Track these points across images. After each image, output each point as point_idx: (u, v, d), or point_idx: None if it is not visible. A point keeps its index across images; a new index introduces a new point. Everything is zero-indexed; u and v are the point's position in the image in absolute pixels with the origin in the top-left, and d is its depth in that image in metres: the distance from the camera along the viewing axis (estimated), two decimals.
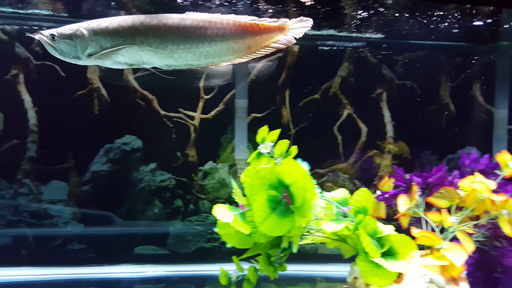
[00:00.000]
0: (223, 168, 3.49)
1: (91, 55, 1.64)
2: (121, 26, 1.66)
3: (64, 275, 3.20)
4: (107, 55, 1.65)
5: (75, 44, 1.63)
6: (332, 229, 1.51)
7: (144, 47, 1.67)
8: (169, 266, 3.40)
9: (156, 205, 3.45)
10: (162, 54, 1.69)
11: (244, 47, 1.75)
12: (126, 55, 1.68)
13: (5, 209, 3.21)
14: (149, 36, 1.65)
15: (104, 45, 1.63)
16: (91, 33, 1.63)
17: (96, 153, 3.36)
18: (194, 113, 3.43)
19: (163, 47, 1.67)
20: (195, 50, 1.71)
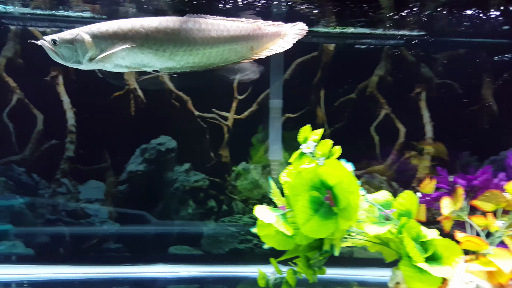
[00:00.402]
0: (256, 168, 3.50)
1: (92, 59, 1.66)
2: (120, 29, 1.67)
3: (100, 273, 3.29)
4: (108, 58, 1.66)
5: (75, 49, 1.66)
6: (376, 232, 1.49)
7: (145, 50, 1.67)
8: (203, 266, 3.43)
9: (190, 205, 3.50)
10: (163, 56, 1.70)
11: (247, 48, 1.78)
12: (127, 58, 1.68)
13: (44, 208, 3.33)
14: (149, 38, 1.66)
15: (104, 49, 1.64)
16: (91, 37, 1.65)
17: (132, 153, 3.43)
18: (228, 113, 3.46)
19: (164, 49, 1.68)
20: (197, 52, 1.72)
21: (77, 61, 1.67)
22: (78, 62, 1.68)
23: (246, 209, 3.50)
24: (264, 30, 1.79)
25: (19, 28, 3.18)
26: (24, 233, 3.30)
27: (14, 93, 3.20)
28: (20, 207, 3.30)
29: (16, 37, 3.18)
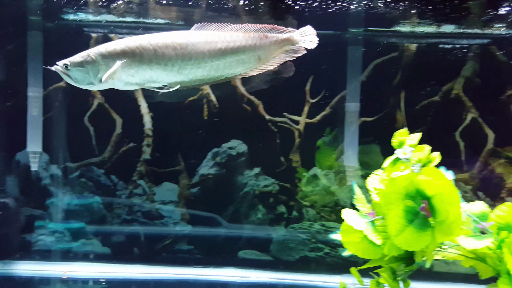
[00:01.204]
0: (328, 174, 3.45)
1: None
2: (128, 47, 1.69)
3: (172, 274, 3.39)
4: (118, 76, 1.68)
5: (87, 71, 1.69)
6: (473, 247, 1.39)
7: (153, 66, 1.69)
8: (273, 273, 3.43)
9: (260, 209, 3.51)
10: (172, 71, 1.70)
11: (255, 58, 1.75)
12: (136, 75, 1.70)
13: (120, 208, 3.50)
14: (157, 54, 1.67)
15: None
16: (101, 57, 1.68)
17: (204, 156, 3.51)
18: (299, 117, 3.43)
19: (172, 64, 1.69)
20: (204, 65, 1.72)
21: (90, 83, 1.71)
22: (91, 84, 1.72)
23: (317, 216, 3.45)
24: (271, 39, 1.76)
25: (99, 36, 3.38)
26: (101, 232, 3.49)
27: (95, 98, 3.41)
28: (98, 207, 3.49)
29: (97, 44, 3.38)
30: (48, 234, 3.47)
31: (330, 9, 2.86)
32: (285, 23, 1.80)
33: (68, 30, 3.36)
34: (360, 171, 3.30)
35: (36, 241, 3.45)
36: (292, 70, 3.29)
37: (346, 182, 3.24)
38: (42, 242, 3.46)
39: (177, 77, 1.73)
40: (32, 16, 3.10)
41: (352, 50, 3.05)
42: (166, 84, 1.74)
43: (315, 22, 3.08)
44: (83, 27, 3.35)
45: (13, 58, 3.22)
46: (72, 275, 3.31)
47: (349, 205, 3.40)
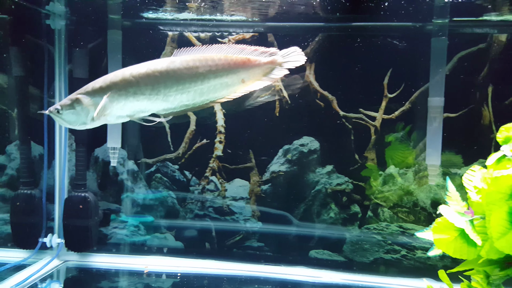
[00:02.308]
0: (407, 173, 3.33)
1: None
2: (112, 83, 1.74)
3: (243, 271, 3.44)
4: (109, 112, 1.73)
5: (78, 112, 1.74)
6: None
7: (138, 96, 1.72)
8: (346, 274, 3.39)
9: (332, 208, 3.47)
10: (157, 99, 1.74)
11: (238, 81, 1.75)
12: (125, 108, 1.75)
13: (193, 203, 3.60)
14: (140, 85, 1.71)
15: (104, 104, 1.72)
16: (88, 97, 1.73)
17: (275, 153, 3.53)
18: (376, 113, 3.35)
19: (156, 93, 1.72)
20: (188, 91, 1.74)
21: (83, 123, 1.77)
22: (84, 123, 1.78)
23: (394, 217, 3.36)
24: (254, 62, 1.76)
25: (175, 34, 3.48)
26: (174, 226, 3.61)
27: None
28: (172, 202, 3.61)
29: (173, 42, 3.49)
30: (123, 227, 3.64)
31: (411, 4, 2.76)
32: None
33: (146, 28, 3.50)
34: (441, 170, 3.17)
35: (112, 234, 3.64)
36: (300, 83, 3.27)
37: (428, 181, 3.11)
38: (117, 235, 3.64)
39: (163, 105, 1.78)
40: (112, 14, 3.25)
41: (436, 42, 2.92)
42: (155, 112, 1.81)
43: (398, 13, 3.02)
44: (159, 25, 3.47)
45: (94, 56, 3.39)
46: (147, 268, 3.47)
47: (429, 206, 3.29)
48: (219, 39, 3.47)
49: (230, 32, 3.44)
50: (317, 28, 3.35)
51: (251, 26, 3.40)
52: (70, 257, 3.53)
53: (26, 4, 3.25)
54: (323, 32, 3.35)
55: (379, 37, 3.29)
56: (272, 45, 3.42)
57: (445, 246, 1.60)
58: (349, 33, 3.32)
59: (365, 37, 3.30)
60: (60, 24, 3.35)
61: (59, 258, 3.49)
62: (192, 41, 3.48)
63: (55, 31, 3.38)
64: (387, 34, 3.28)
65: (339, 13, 3.17)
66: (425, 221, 3.32)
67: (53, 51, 3.40)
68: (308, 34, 3.37)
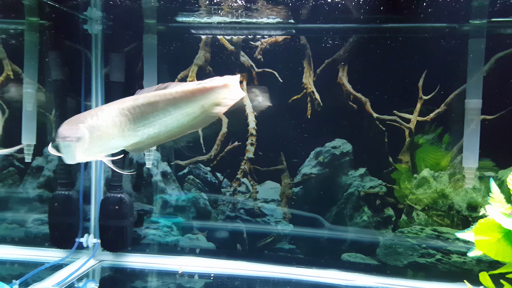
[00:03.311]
0: (442, 176, 3.30)
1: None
2: (89, 125, 1.82)
3: (275, 273, 3.48)
4: (91, 149, 1.81)
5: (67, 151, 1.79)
6: None
7: (109, 137, 1.84)
8: (379, 277, 3.39)
9: (365, 212, 3.47)
10: (128, 136, 1.86)
11: (199, 109, 1.86)
12: (102, 146, 1.85)
13: (225, 205, 3.65)
14: (115, 124, 1.84)
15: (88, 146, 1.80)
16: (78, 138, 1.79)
17: (307, 156, 3.55)
18: (410, 115, 3.33)
19: (124, 130, 1.85)
20: (154, 124, 1.87)
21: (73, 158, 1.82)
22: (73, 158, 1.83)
23: (428, 221, 3.33)
24: (209, 87, 1.86)
25: (209, 37, 3.55)
26: (206, 227, 3.67)
27: None
28: (204, 204, 3.67)
29: (206, 46, 3.55)
30: (156, 228, 3.72)
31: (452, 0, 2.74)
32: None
33: (180, 32, 3.57)
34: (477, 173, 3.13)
35: (145, 234, 3.73)
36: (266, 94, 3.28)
37: (464, 184, 3.08)
38: (150, 235, 3.72)
39: (133, 139, 1.90)
40: (147, 19, 3.33)
41: (474, 43, 2.89)
42: (127, 147, 1.93)
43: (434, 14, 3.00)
44: (193, 29, 3.54)
45: (130, 60, 3.48)
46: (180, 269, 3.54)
47: (464, 209, 3.26)
48: (252, 42, 3.51)
49: (262, 35, 3.48)
50: (350, 29, 3.36)
51: (283, 29, 3.44)
52: (105, 257, 3.64)
53: (65, 9, 3.37)
54: (357, 33, 3.36)
55: (414, 38, 3.27)
56: (304, 47, 3.45)
57: (486, 248, 1.61)
58: (383, 34, 3.32)
59: (399, 38, 3.29)
60: (97, 29, 3.47)
61: (94, 258, 3.60)
62: (225, 45, 3.54)
63: (92, 36, 3.49)
64: (423, 35, 3.26)
65: (373, 14, 3.17)
66: (460, 224, 3.28)
67: (90, 56, 3.52)
68: (341, 36, 3.38)
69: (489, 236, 1.58)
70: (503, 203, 1.67)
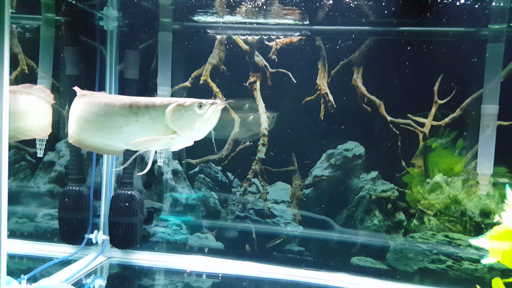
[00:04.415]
0: (455, 181, 3.28)
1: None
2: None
3: (283, 275, 3.47)
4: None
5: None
6: None
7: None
8: (389, 282, 3.37)
9: (376, 215, 3.45)
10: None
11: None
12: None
13: (235, 205, 3.65)
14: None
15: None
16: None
17: (319, 158, 3.54)
18: (425, 119, 3.31)
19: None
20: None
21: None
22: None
23: (440, 226, 3.31)
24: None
25: (223, 36, 3.56)
26: (215, 227, 3.67)
27: (216, 97, 3.59)
28: (213, 203, 3.68)
29: (221, 45, 3.56)
30: (166, 226, 3.73)
31: (471, 4, 2.73)
32: None
33: (195, 31, 3.59)
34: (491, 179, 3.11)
35: (154, 232, 3.74)
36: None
37: (478, 190, 3.06)
38: (159, 233, 3.73)
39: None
40: (163, 18, 3.35)
41: (492, 47, 2.88)
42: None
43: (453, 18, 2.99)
44: (208, 28, 3.56)
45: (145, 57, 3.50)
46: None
47: (477, 216, 3.24)
48: (267, 42, 3.52)
49: (277, 35, 3.48)
50: (366, 31, 3.36)
51: (299, 30, 3.44)
52: (113, 253, 3.65)
53: (82, 7, 3.39)
54: (373, 36, 3.35)
55: (430, 41, 3.26)
56: (319, 48, 3.45)
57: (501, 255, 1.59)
58: (399, 37, 3.31)
59: (416, 41, 3.28)
60: (113, 25, 3.49)
61: (103, 255, 3.62)
62: (239, 44, 3.55)
63: (107, 32, 3.51)
64: (440, 39, 3.24)
65: (390, 17, 3.16)
66: (472, 231, 3.26)
67: (105, 52, 3.54)
68: (357, 38, 3.37)
69: (505, 243, 1.57)
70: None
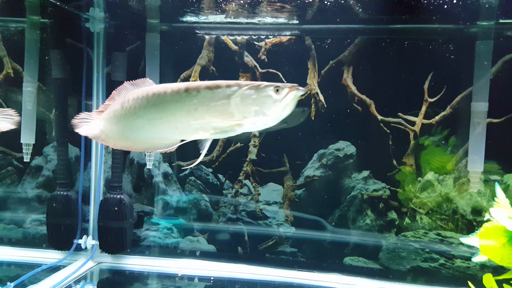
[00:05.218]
0: (446, 180, 3.29)
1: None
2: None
3: (276, 276, 3.46)
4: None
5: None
6: None
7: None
8: (382, 281, 3.37)
9: (368, 215, 3.45)
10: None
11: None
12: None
13: (227, 207, 3.62)
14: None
15: None
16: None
17: (310, 158, 3.53)
18: (415, 118, 3.32)
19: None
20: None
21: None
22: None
23: (432, 225, 3.32)
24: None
25: (212, 37, 3.53)
26: (207, 229, 3.64)
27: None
28: (205, 205, 3.65)
29: (210, 46, 3.54)
30: (156, 230, 3.69)
31: (459, 1, 2.73)
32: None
33: (183, 32, 3.56)
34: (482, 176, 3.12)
35: (145, 236, 3.69)
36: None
37: (469, 188, 3.07)
38: (150, 237, 3.69)
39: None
40: (150, 19, 3.32)
41: (481, 45, 2.88)
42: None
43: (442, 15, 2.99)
44: (196, 29, 3.53)
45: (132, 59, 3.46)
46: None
47: (469, 214, 3.24)
48: (256, 42, 3.50)
49: (267, 35, 3.47)
50: (356, 30, 3.36)
51: (288, 29, 3.42)
52: (103, 258, 3.61)
53: (67, 8, 3.35)
54: (362, 35, 3.35)
55: (420, 39, 3.27)
56: (309, 48, 3.43)
57: (491, 253, 1.59)
58: (389, 36, 3.31)
59: (405, 39, 3.29)
60: (99, 27, 3.45)
61: (93, 260, 3.57)
62: (228, 44, 3.53)
63: (94, 34, 3.47)
64: (429, 36, 3.25)
65: (379, 15, 3.16)
66: (464, 229, 3.27)
67: (91, 54, 3.50)
68: (347, 37, 3.37)
69: (494, 240, 1.56)
70: (508, 208, 1.66)
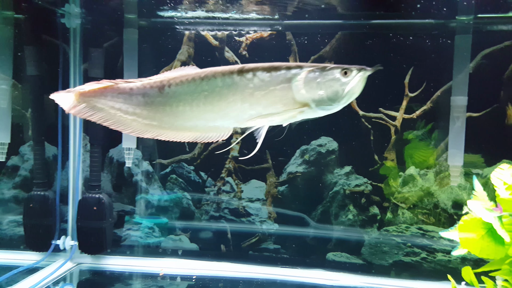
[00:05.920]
0: (428, 174, 3.31)
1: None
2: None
3: (260, 274, 3.44)
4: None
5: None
6: None
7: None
8: (364, 276, 3.39)
9: (350, 210, 3.46)
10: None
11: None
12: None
13: (209, 205, 3.59)
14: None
15: None
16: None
17: (293, 154, 3.52)
18: (396, 113, 3.33)
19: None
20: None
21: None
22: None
23: (414, 219, 3.34)
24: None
25: (192, 33, 3.49)
26: (190, 228, 3.61)
27: None
28: (187, 203, 3.61)
29: (190, 41, 3.49)
30: (138, 229, 3.64)
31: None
32: None
33: (162, 27, 3.50)
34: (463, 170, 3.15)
35: (126, 236, 3.64)
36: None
37: (450, 182, 3.10)
38: (131, 237, 3.64)
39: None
40: (128, 14, 3.26)
41: (460, 39, 2.91)
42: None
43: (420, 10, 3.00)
44: (176, 24, 3.48)
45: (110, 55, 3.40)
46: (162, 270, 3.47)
47: (450, 207, 3.27)
48: (237, 37, 3.47)
49: (248, 31, 3.44)
50: (336, 25, 3.35)
51: (269, 24, 3.40)
52: (83, 259, 3.55)
53: (42, 4, 3.26)
54: (343, 30, 3.35)
55: (400, 35, 3.29)
56: (290, 43, 3.42)
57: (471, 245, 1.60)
58: (369, 31, 3.32)
59: (385, 34, 3.30)
60: (75, 23, 3.38)
61: (72, 261, 3.51)
62: (209, 40, 3.49)
63: (70, 30, 3.40)
64: (409, 31, 3.27)
65: (359, 10, 3.16)
66: (446, 223, 3.30)
67: (68, 51, 3.42)
68: (328, 32, 3.36)
69: (473, 233, 1.57)
70: (486, 201, 1.67)
